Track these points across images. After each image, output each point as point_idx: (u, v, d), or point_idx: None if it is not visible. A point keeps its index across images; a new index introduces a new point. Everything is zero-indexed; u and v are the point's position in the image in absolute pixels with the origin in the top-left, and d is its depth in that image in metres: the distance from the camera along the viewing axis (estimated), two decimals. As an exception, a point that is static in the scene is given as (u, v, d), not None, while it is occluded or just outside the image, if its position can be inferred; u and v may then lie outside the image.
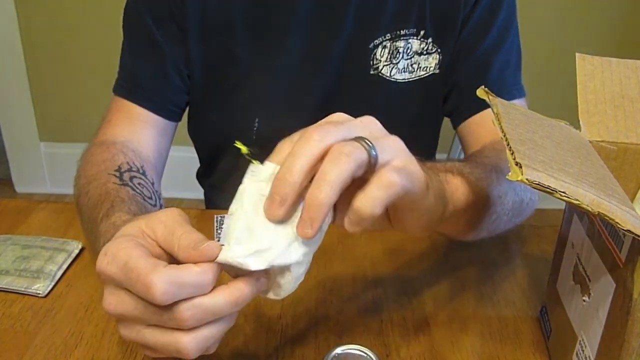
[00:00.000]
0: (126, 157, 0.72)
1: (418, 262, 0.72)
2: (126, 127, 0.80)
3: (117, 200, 0.61)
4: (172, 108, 0.83)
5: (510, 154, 0.42)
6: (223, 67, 0.81)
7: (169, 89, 0.82)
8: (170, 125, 0.84)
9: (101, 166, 0.70)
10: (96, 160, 0.71)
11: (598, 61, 0.60)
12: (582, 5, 2.03)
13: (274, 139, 0.87)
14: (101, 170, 0.69)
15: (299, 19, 0.78)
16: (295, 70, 0.80)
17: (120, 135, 0.78)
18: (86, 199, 0.65)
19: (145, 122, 0.81)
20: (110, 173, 0.68)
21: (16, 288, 0.63)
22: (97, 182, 0.66)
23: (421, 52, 0.80)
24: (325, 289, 0.66)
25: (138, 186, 0.68)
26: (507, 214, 0.64)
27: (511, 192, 0.64)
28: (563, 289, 0.56)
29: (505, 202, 0.63)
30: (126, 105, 0.81)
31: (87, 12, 2.02)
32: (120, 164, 0.70)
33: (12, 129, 2.22)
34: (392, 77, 0.81)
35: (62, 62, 2.10)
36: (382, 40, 0.79)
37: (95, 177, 0.67)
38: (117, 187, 0.65)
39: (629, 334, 0.43)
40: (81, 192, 0.67)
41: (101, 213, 0.60)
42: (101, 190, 0.64)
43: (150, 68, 0.81)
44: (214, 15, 0.78)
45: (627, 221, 0.40)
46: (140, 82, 0.81)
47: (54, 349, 0.56)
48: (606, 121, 0.57)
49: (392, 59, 0.80)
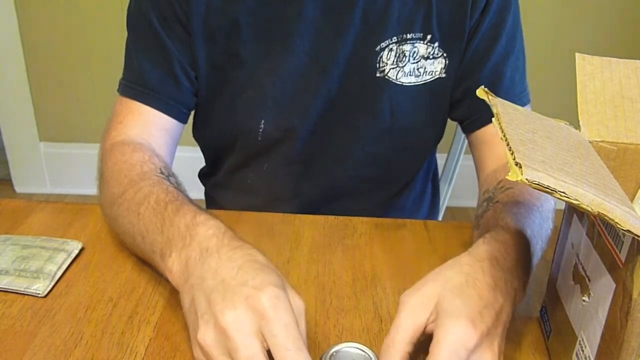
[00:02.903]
0: (160, 160, 0.73)
1: (418, 262, 0.72)
2: (141, 129, 0.79)
3: (185, 199, 0.63)
4: (182, 109, 0.82)
5: (510, 154, 0.42)
6: (228, 68, 0.81)
7: (179, 90, 0.81)
8: (179, 126, 0.83)
9: (143, 167, 0.70)
10: (132, 160, 0.71)
11: (598, 61, 0.60)
12: (582, 5, 2.03)
13: (279, 140, 0.87)
14: (145, 172, 0.69)
15: (305, 21, 0.78)
16: (301, 71, 0.80)
17: (137, 136, 0.77)
18: (140, 195, 0.65)
19: (159, 124, 0.80)
20: (158, 175, 0.68)
21: (16, 288, 0.63)
22: (149, 180, 0.66)
23: (428, 56, 0.80)
24: (325, 289, 0.66)
25: (180, 186, 0.69)
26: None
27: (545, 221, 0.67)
28: (563, 289, 0.56)
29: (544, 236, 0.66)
30: (137, 106, 0.80)
31: (87, 12, 2.02)
32: (160, 166, 0.71)
33: (12, 129, 2.22)
34: (399, 80, 0.81)
35: (62, 62, 2.10)
36: (388, 44, 0.79)
37: (144, 178, 0.67)
38: (173, 188, 0.65)
39: (629, 334, 0.43)
40: (127, 189, 0.67)
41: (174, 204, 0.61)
42: (161, 188, 0.65)
43: (158, 69, 0.80)
44: (219, 16, 0.78)
45: (627, 221, 0.40)
46: (149, 84, 0.80)
47: (53, 349, 0.56)
48: (606, 121, 0.57)
49: (398, 62, 0.79)
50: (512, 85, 0.83)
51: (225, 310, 0.48)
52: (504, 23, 0.80)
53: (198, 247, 0.55)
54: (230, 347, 0.47)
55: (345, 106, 0.83)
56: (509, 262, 0.55)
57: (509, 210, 0.65)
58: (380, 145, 0.86)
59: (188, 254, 0.55)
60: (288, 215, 0.79)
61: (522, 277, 0.57)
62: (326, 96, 0.82)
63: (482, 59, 0.81)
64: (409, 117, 0.84)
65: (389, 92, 0.81)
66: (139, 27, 0.81)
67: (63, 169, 2.25)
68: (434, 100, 0.83)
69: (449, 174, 1.32)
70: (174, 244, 0.57)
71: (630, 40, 2.09)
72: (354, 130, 0.84)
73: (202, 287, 0.51)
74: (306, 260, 0.71)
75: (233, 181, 0.95)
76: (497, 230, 0.60)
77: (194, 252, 0.54)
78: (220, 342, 0.47)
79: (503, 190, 0.71)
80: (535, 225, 0.64)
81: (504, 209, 0.66)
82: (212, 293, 0.50)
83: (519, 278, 0.56)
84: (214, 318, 0.48)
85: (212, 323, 0.48)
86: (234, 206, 0.90)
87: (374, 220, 0.79)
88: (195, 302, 0.51)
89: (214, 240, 0.55)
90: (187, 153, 1.23)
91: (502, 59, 0.81)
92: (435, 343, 0.48)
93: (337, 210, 0.82)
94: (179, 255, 0.56)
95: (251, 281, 0.49)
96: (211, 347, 0.48)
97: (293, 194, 0.91)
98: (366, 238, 0.75)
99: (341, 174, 0.89)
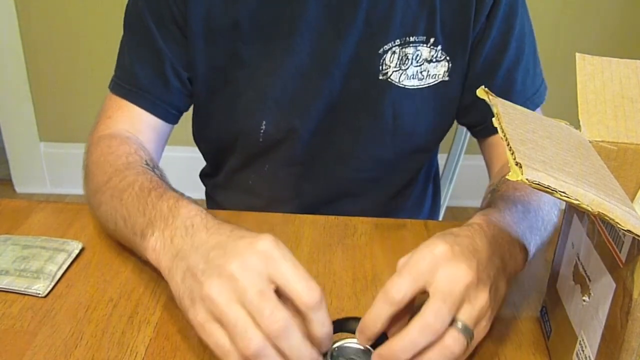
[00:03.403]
0: (146, 153, 0.73)
1: (418, 262, 0.72)
2: (130, 125, 0.80)
3: (168, 188, 0.63)
4: (170, 110, 0.83)
5: (510, 153, 0.42)
6: (229, 69, 0.81)
7: (168, 91, 0.82)
8: (167, 127, 0.84)
9: (129, 158, 0.70)
10: (119, 152, 0.71)
11: (598, 61, 0.60)
12: (582, 5, 2.03)
13: (280, 140, 0.87)
14: (130, 163, 0.69)
15: (307, 21, 0.78)
16: (302, 72, 0.80)
17: (126, 131, 0.79)
18: (124, 182, 0.65)
19: (145, 123, 0.81)
20: (143, 166, 0.69)
21: (16, 288, 0.63)
22: (134, 169, 0.67)
23: (431, 59, 0.80)
24: (325, 289, 0.66)
25: (164, 178, 0.69)
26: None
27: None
28: (563, 289, 0.56)
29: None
30: (126, 105, 0.81)
31: (87, 12, 2.02)
32: (146, 159, 0.71)
33: (12, 129, 2.22)
34: (401, 83, 0.80)
35: (62, 62, 2.10)
36: (391, 46, 0.79)
37: (128, 167, 0.68)
38: (157, 178, 0.66)
39: (629, 334, 0.43)
40: (111, 177, 0.67)
41: (157, 191, 0.61)
42: (145, 177, 0.65)
43: (149, 69, 0.80)
44: (220, 16, 0.78)
45: (627, 221, 0.40)
46: (139, 83, 0.81)
47: (54, 349, 0.56)
48: (606, 121, 0.57)
49: (401, 65, 0.79)
50: (524, 89, 0.83)
51: (229, 259, 0.47)
52: (513, 30, 0.80)
53: (182, 225, 0.55)
54: (240, 289, 0.46)
55: (347, 108, 0.83)
56: (493, 227, 0.58)
57: (508, 194, 0.67)
58: (382, 147, 0.86)
59: (172, 232, 0.55)
60: (288, 215, 0.79)
61: (517, 246, 0.59)
62: (327, 97, 0.82)
63: (493, 67, 0.81)
64: (411, 120, 0.83)
65: (391, 95, 0.81)
66: (133, 25, 0.82)
67: (63, 169, 2.25)
68: (437, 103, 0.83)
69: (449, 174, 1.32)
70: (156, 225, 0.57)
71: (630, 40, 2.09)
72: (356, 132, 0.84)
73: (198, 252, 0.51)
74: (306, 260, 0.70)
75: (234, 182, 0.95)
76: (492, 206, 0.63)
77: (179, 230, 0.55)
78: (227, 289, 0.46)
79: (505, 182, 0.72)
80: (532, 205, 0.66)
81: (503, 195, 0.67)
82: (211, 251, 0.50)
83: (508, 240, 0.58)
84: (217, 269, 0.47)
85: (215, 274, 0.47)
86: (234, 207, 0.90)
87: (374, 220, 0.79)
88: (192, 267, 0.50)
89: (198, 219, 0.55)
90: (188, 153, 1.23)
91: (513, 65, 0.81)
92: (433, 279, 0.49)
93: (338, 211, 0.82)
94: (162, 234, 0.56)
95: (248, 235, 0.50)
96: (218, 296, 0.46)
97: (294, 194, 0.91)
98: (366, 238, 0.75)
99: (342, 175, 0.89)
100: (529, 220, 0.64)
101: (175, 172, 0.84)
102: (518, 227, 0.61)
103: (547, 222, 0.67)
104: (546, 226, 0.67)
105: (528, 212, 0.65)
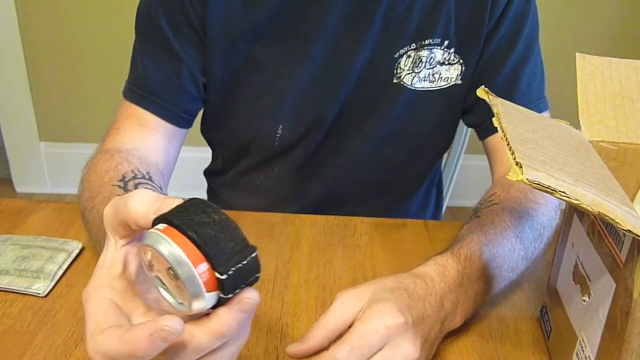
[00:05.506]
0: (130, 165, 0.70)
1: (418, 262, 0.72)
2: (135, 135, 0.78)
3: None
4: (184, 115, 0.81)
5: (511, 153, 0.42)
6: (246, 73, 0.80)
7: (182, 96, 0.80)
8: (180, 132, 0.82)
9: (104, 177, 0.68)
10: (100, 171, 0.70)
11: (598, 61, 0.60)
12: (582, 5, 2.03)
13: (294, 144, 0.87)
14: (104, 182, 0.67)
15: (327, 26, 0.77)
16: (318, 76, 0.79)
17: (127, 143, 0.76)
18: (91, 215, 0.64)
19: (155, 129, 0.79)
20: (115, 184, 0.66)
21: (16, 288, 0.63)
22: (101, 196, 0.65)
23: (444, 62, 0.80)
24: (325, 289, 0.66)
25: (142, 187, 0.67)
26: (528, 257, 0.67)
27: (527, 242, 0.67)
28: (563, 289, 0.56)
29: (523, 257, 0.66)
30: (137, 111, 0.79)
31: (88, 13, 2.02)
32: (124, 173, 0.69)
33: (12, 129, 2.22)
34: (413, 85, 0.80)
35: (62, 62, 2.10)
36: (407, 50, 0.78)
37: (100, 191, 0.66)
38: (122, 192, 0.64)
39: (629, 334, 0.43)
40: (86, 207, 0.66)
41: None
42: (103, 205, 0.62)
43: (163, 74, 0.79)
44: (239, 20, 0.77)
45: (627, 221, 0.40)
46: (152, 88, 0.79)
47: (54, 349, 0.56)
48: (606, 121, 0.57)
49: (414, 67, 0.79)
50: (529, 91, 0.82)
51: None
52: (522, 30, 0.79)
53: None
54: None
55: (358, 110, 0.82)
56: (446, 282, 0.58)
57: (480, 230, 0.65)
58: (388, 148, 0.85)
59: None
60: (288, 215, 0.79)
61: (459, 300, 0.58)
62: (342, 101, 0.81)
63: (498, 65, 0.80)
64: (418, 121, 0.83)
65: (402, 98, 0.81)
66: (147, 30, 0.80)
67: (63, 169, 2.25)
68: (447, 106, 0.83)
69: (449, 174, 1.32)
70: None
71: (630, 40, 2.09)
72: (364, 134, 0.84)
73: None
74: (306, 260, 0.71)
75: (242, 182, 0.94)
76: (452, 249, 0.62)
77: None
78: None
79: (488, 205, 0.70)
80: (504, 251, 0.64)
81: (476, 228, 0.66)
82: None
83: (454, 301, 0.57)
84: None
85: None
86: (240, 206, 0.90)
87: (374, 220, 0.79)
88: None
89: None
90: (188, 153, 1.23)
91: (519, 64, 0.81)
92: (359, 317, 0.50)
93: (341, 213, 0.82)
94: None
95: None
96: None
97: (299, 196, 0.91)
98: (366, 238, 0.75)
99: (348, 177, 0.89)
100: (499, 258, 0.63)
101: (176, 171, 0.84)
102: (482, 271, 0.61)
103: (529, 248, 0.66)
104: (527, 255, 0.66)
105: (501, 246, 0.64)
